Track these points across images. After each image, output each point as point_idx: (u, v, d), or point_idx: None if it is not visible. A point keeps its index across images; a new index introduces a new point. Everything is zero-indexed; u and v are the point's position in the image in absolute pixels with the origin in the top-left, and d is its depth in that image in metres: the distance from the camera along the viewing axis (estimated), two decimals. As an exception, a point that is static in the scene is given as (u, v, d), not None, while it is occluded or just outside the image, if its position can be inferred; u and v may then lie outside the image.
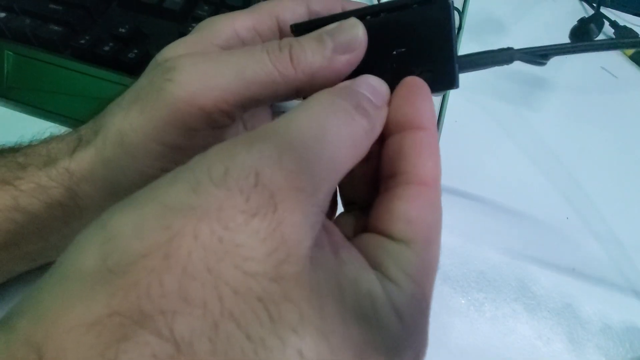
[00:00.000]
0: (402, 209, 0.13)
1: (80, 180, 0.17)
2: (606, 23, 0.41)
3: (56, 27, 0.28)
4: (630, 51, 0.40)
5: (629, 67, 0.39)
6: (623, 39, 0.19)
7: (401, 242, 0.13)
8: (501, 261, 0.26)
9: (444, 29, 0.17)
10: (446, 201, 0.28)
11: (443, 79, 0.17)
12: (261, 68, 0.15)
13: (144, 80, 0.17)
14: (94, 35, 0.28)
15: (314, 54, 0.15)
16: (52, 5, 0.29)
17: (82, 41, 0.28)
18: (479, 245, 0.27)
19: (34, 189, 0.16)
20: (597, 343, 0.24)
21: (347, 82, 0.15)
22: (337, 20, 0.16)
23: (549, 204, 0.29)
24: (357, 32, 0.16)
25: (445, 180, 0.30)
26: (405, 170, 0.14)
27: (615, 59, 0.40)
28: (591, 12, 0.43)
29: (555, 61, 0.34)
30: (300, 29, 0.17)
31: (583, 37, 0.32)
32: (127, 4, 0.31)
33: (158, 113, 0.15)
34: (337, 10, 0.18)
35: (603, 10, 0.41)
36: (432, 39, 0.17)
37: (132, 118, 0.16)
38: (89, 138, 0.17)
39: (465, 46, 0.40)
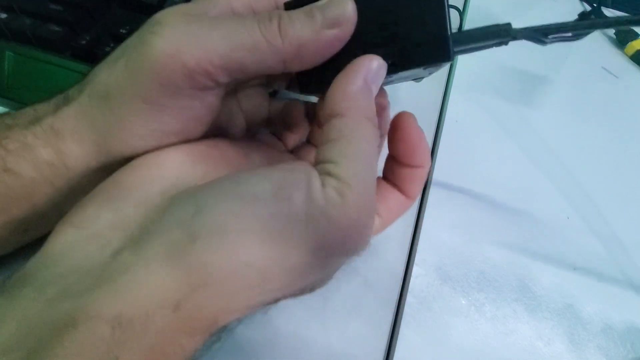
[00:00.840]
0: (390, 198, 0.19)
1: (65, 137, 0.17)
2: (607, 23, 0.41)
3: (56, 28, 0.28)
4: (631, 51, 0.40)
5: (629, 67, 0.39)
6: (633, 16, 0.18)
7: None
8: (502, 261, 0.26)
9: (436, 1, 0.16)
10: (447, 201, 0.28)
11: (437, 52, 0.17)
12: (249, 34, 0.15)
13: (131, 38, 0.17)
14: (94, 35, 0.28)
15: (302, 27, 0.15)
16: (52, 6, 0.29)
17: (83, 41, 0.28)
18: (479, 245, 0.27)
19: (21, 147, 0.16)
20: (598, 343, 0.24)
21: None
22: None
23: (550, 203, 0.29)
24: (346, 7, 0.16)
25: (446, 180, 0.30)
26: (401, 187, 0.19)
27: (616, 59, 0.40)
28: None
29: (556, 61, 0.34)
30: (293, 5, 0.17)
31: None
32: (127, 4, 0.31)
33: (141, 67, 0.15)
34: None
35: (603, 10, 0.41)
36: (424, 11, 0.16)
37: (117, 73, 0.16)
38: (74, 96, 0.17)
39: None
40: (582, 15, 0.33)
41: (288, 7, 0.17)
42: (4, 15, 0.29)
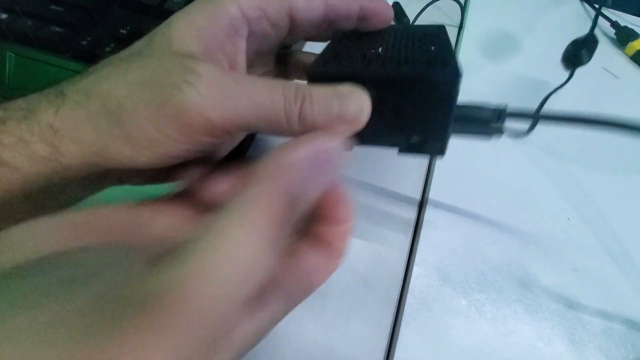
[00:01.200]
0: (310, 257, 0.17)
1: (64, 137, 0.17)
2: (607, 23, 0.41)
3: (57, 29, 0.28)
4: (632, 51, 0.40)
5: (630, 67, 0.39)
6: (634, 124, 0.19)
7: None
8: (502, 262, 0.26)
9: (445, 100, 0.16)
10: (447, 201, 0.28)
11: (432, 147, 0.18)
12: (274, 109, 0.16)
13: (155, 63, 0.17)
14: (95, 36, 0.28)
15: (319, 113, 0.16)
16: (53, 7, 0.29)
17: (84, 42, 0.28)
18: (479, 246, 0.27)
19: (16, 142, 0.17)
20: (598, 344, 0.24)
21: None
22: (353, 77, 0.17)
23: (550, 204, 0.29)
24: (363, 109, 0.16)
25: (446, 180, 0.30)
26: (328, 244, 0.17)
27: (617, 60, 0.40)
28: (593, 13, 0.43)
29: (555, 61, 0.34)
30: (315, 76, 0.17)
31: (575, 63, 0.32)
32: (128, 5, 0.31)
33: (167, 109, 0.16)
34: (355, 6, 0.20)
35: (604, 10, 0.41)
36: (431, 106, 0.17)
37: (138, 100, 0.16)
38: (77, 99, 0.17)
39: (466, 47, 0.40)
40: (575, 44, 0.32)
41: (311, 75, 0.17)
42: (5, 17, 0.29)
